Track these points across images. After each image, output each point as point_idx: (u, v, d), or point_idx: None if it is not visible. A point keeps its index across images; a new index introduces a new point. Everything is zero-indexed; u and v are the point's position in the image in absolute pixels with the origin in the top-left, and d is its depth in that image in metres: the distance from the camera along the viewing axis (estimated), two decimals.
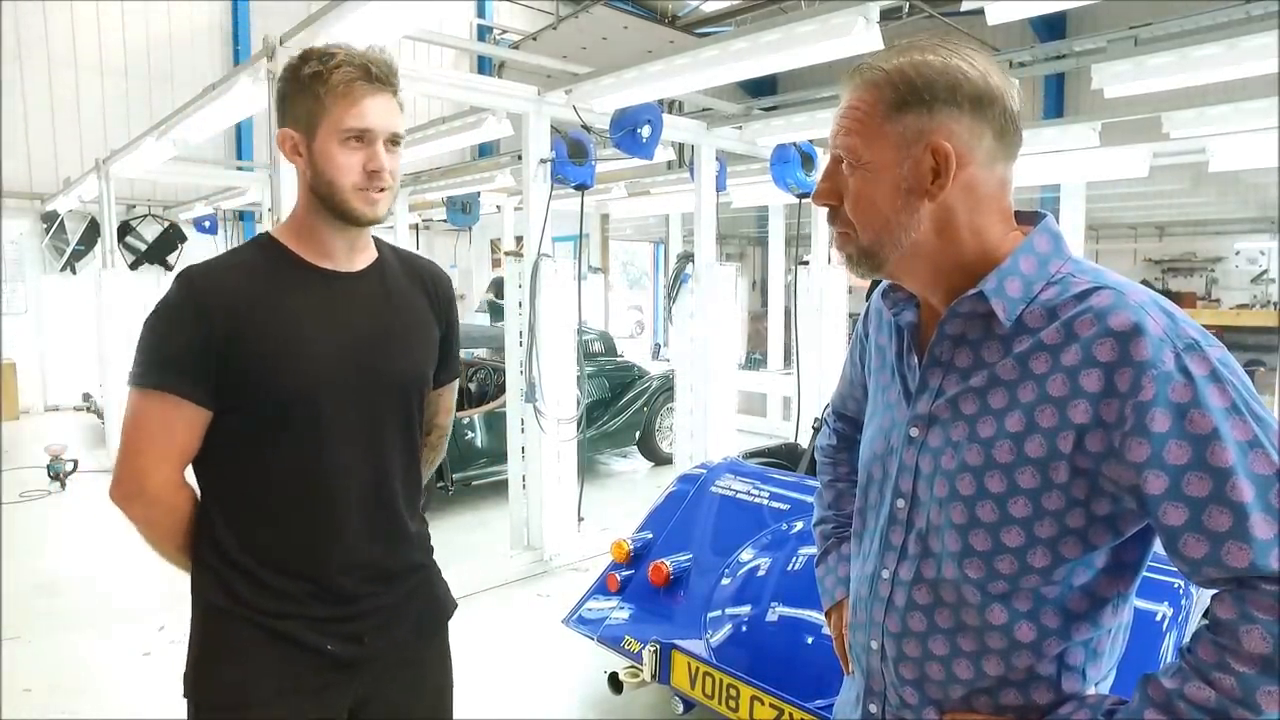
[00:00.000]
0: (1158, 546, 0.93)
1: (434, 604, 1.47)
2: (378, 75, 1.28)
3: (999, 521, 0.94)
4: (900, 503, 1.05)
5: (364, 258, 1.39)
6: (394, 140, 1.31)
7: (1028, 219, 1.03)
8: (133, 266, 9.56)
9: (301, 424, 1.27)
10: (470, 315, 11.21)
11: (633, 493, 6.20)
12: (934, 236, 0.97)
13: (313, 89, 1.26)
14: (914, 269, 1.01)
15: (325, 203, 1.29)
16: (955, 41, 0.96)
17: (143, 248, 10.04)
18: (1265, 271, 11.24)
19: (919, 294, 1.06)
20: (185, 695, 1.32)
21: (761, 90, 12.01)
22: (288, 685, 1.28)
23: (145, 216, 10.36)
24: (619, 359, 7.35)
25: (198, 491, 1.33)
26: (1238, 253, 11.72)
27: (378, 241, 1.44)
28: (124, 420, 1.27)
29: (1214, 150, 5.41)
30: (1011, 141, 0.97)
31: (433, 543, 1.50)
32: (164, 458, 1.26)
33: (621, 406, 6.77)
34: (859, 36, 3.09)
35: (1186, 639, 0.88)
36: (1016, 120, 0.96)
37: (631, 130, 4.39)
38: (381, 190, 1.30)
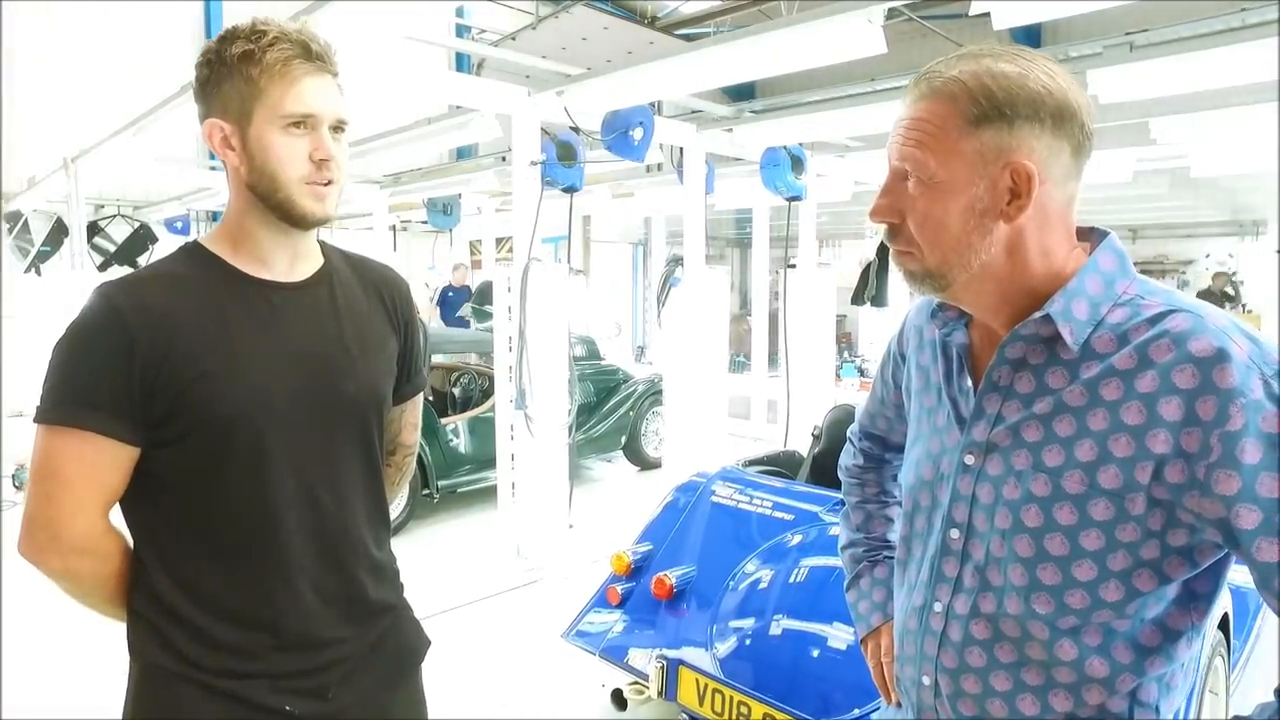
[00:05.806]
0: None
1: (404, 648, 1.32)
2: (317, 53, 1.13)
3: (1069, 555, 0.91)
4: (954, 533, 1.01)
5: (308, 266, 1.23)
6: (339, 126, 1.16)
7: (1085, 234, 0.99)
8: (101, 268, 9.29)
9: (243, 454, 1.12)
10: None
11: (619, 498, 6.14)
12: (1004, 258, 0.93)
13: (243, 71, 1.10)
14: (979, 290, 0.96)
15: (266, 201, 1.14)
16: (1025, 50, 0.92)
17: (112, 249, 9.76)
18: (1234, 274, 11.44)
19: (976, 315, 1.01)
20: None
21: (741, 94, 12.00)
22: None
23: (114, 217, 10.09)
24: (603, 362, 7.28)
25: (127, 536, 1.17)
26: (1207, 255, 11.93)
27: (325, 246, 1.28)
28: (33, 463, 1.09)
29: (1196, 155, 5.48)
30: (1085, 158, 0.93)
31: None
32: (84, 504, 1.09)
33: (607, 411, 6.70)
34: (861, 39, 3.06)
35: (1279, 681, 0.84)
36: (1092, 136, 0.93)
37: (624, 132, 4.34)
38: (329, 183, 1.15)
